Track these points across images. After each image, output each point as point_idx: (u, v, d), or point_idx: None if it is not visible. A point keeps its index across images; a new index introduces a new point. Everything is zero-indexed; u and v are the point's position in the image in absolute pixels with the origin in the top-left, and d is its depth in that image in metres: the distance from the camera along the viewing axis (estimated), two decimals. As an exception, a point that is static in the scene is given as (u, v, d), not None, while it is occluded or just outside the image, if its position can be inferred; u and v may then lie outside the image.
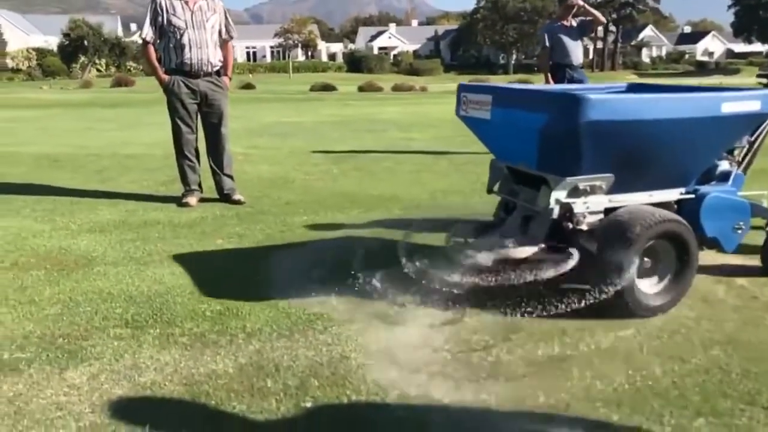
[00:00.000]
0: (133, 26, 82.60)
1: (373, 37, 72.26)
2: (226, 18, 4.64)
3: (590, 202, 2.62)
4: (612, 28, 59.14)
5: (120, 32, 60.25)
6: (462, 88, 3.01)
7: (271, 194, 5.02)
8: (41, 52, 50.95)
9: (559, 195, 2.57)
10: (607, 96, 2.70)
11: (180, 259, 3.38)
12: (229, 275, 3.17)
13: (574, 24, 6.70)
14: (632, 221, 2.55)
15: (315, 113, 13.27)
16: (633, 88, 3.52)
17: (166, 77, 4.49)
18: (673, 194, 2.83)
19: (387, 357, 2.25)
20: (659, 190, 2.79)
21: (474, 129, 3.02)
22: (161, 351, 2.30)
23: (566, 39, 6.64)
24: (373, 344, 2.35)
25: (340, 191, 5.18)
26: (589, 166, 2.57)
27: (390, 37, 71.44)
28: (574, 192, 2.58)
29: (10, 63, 49.10)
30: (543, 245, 2.60)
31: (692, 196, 2.83)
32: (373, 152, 7.32)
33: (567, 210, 2.59)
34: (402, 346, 2.33)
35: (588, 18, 6.82)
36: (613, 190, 2.65)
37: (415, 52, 67.26)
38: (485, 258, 2.55)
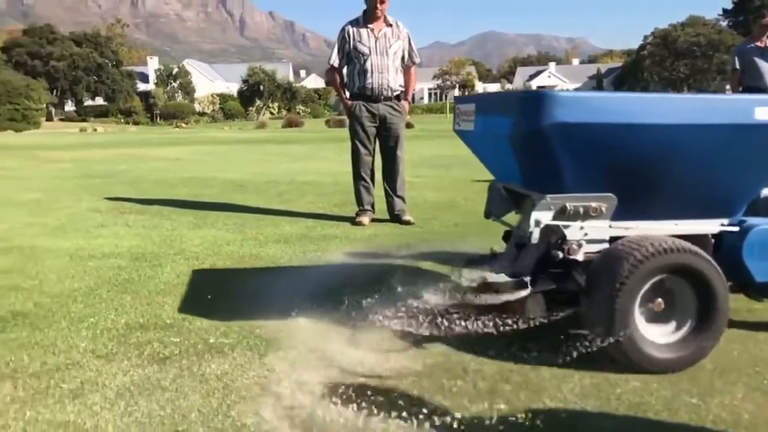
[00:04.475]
0: (302, 73, 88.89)
1: (532, 77, 71.57)
2: (410, 44, 4.81)
3: (588, 228, 2.16)
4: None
5: (291, 78, 65.16)
6: (456, 101, 2.71)
7: (439, 216, 5.06)
8: (223, 97, 56.49)
9: (540, 216, 2.13)
10: (584, 93, 2.22)
11: (362, 263, 3.50)
12: (415, 282, 3.19)
13: (772, 45, 6.14)
14: (627, 251, 2.04)
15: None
16: None
17: (349, 102, 4.74)
18: (709, 226, 2.27)
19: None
20: (688, 220, 2.24)
21: (467, 144, 2.67)
22: (348, 346, 2.36)
23: (760, 62, 6.11)
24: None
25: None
26: (572, 182, 2.11)
27: (549, 76, 70.35)
28: (562, 214, 2.14)
29: (197, 107, 54.85)
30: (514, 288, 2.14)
31: (735, 228, 2.25)
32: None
33: (559, 236, 2.15)
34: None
35: None
36: (620, 215, 2.17)
37: (576, 90, 65.57)
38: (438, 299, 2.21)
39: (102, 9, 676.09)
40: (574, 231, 2.15)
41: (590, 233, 2.16)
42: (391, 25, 4.70)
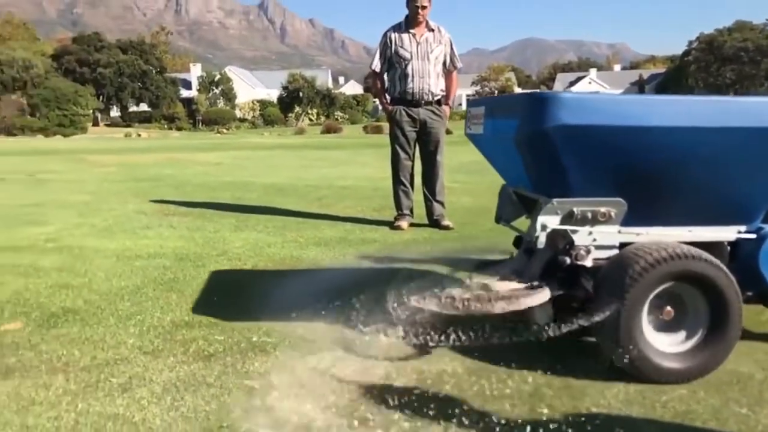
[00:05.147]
0: (341, 79, 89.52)
1: (572, 83, 70.69)
2: (452, 49, 4.82)
3: (597, 234, 2.11)
4: None
5: (330, 84, 65.68)
6: (468, 104, 2.64)
7: (474, 221, 5.04)
8: (263, 104, 57.29)
9: (546, 220, 2.09)
10: (590, 95, 2.15)
11: (400, 267, 3.50)
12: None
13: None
14: (634, 258, 1.98)
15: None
16: None
17: (390, 106, 4.77)
18: (725, 232, 2.19)
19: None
20: (703, 226, 2.16)
21: (478, 148, 2.61)
22: (391, 348, 2.37)
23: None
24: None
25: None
26: (579, 185, 2.06)
27: (590, 83, 69.37)
28: (569, 218, 2.08)
29: (238, 113, 55.75)
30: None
31: (752, 236, 2.17)
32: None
33: (566, 242, 2.11)
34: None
35: None
36: (631, 220, 2.11)
37: (616, 97, 64.45)
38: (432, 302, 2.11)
39: (147, 17, 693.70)
40: (582, 236, 2.10)
41: (599, 239, 2.11)
42: (433, 30, 4.72)
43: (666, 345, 2.06)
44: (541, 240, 2.11)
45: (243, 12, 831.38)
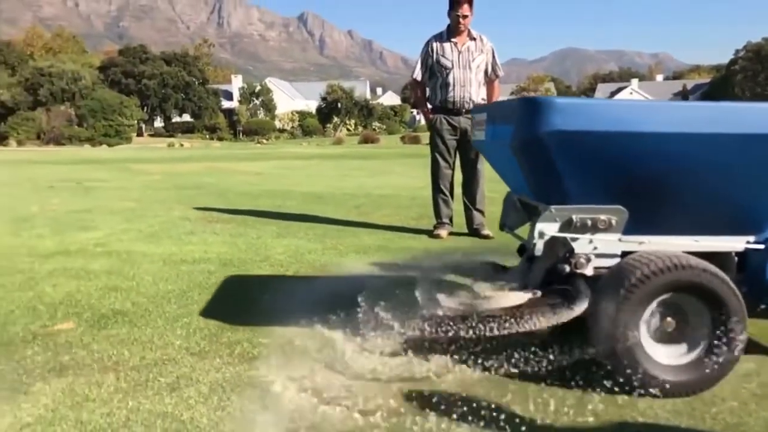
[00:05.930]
0: (379, 90, 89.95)
1: (613, 93, 69.65)
2: (494, 58, 4.83)
3: (597, 242, 2.06)
4: None
5: (368, 95, 66.09)
6: (472, 110, 2.64)
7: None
8: (302, 114, 57.97)
9: (543, 227, 2.05)
10: (585, 100, 2.07)
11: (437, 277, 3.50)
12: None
13: None
14: (631, 267, 1.93)
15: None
16: None
17: (431, 115, 4.79)
18: (733, 243, 2.11)
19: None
20: (709, 236, 2.09)
21: (483, 155, 2.59)
22: (431, 354, 2.37)
23: None
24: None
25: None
26: (576, 192, 2.01)
27: (632, 93, 68.27)
28: (568, 226, 2.04)
29: (278, 124, 56.53)
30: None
31: (761, 246, 2.09)
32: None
33: (566, 249, 2.07)
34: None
35: None
36: (634, 228, 2.05)
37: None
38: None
39: (190, 30, 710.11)
40: (582, 244, 2.07)
41: (600, 247, 2.07)
42: (474, 39, 4.73)
43: (666, 357, 2.01)
44: (539, 248, 2.09)
45: (283, 24, 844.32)
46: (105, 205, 6.80)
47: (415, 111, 64.56)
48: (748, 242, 2.13)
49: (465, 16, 4.64)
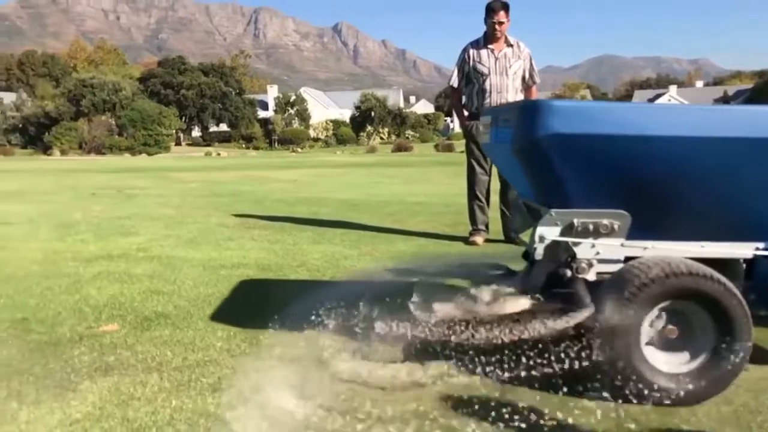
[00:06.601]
0: (412, 99, 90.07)
1: (650, 100, 68.52)
2: (531, 64, 4.82)
3: (600, 247, 2.01)
4: None
5: (401, 104, 66.23)
6: (481, 114, 2.60)
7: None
8: (336, 123, 58.41)
9: (544, 231, 2.02)
10: (585, 102, 2.07)
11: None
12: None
13: None
14: (632, 274, 1.90)
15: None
16: None
17: (467, 121, 4.79)
18: (741, 249, 2.05)
19: None
20: (716, 242, 2.02)
21: (490, 158, 2.54)
22: (463, 353, 2.37)
23: None
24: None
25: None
26: (577, 196, 1.98)
27: (670, 99, 67.04)
28: (569, 230, 2.01)
29: (312, 133, 57.05)
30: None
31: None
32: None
33: (568, 254, 2.03)
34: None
35: None
36: (638, 234, 2.00)
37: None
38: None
39: (227, 41, 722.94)
40: (584, 249, 2.03)
41: (602, 252, 2.03)
42: (512, 45, 4.73)
43: (667, 364, 1.96)
44: (539, 252, 2.06)
45: (317, 35, 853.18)
46: (145, 212, 6.96)
47: (448, 119, 64.48)
48: (757, 249, 2.07)
49: (501, 23, 4.64)
